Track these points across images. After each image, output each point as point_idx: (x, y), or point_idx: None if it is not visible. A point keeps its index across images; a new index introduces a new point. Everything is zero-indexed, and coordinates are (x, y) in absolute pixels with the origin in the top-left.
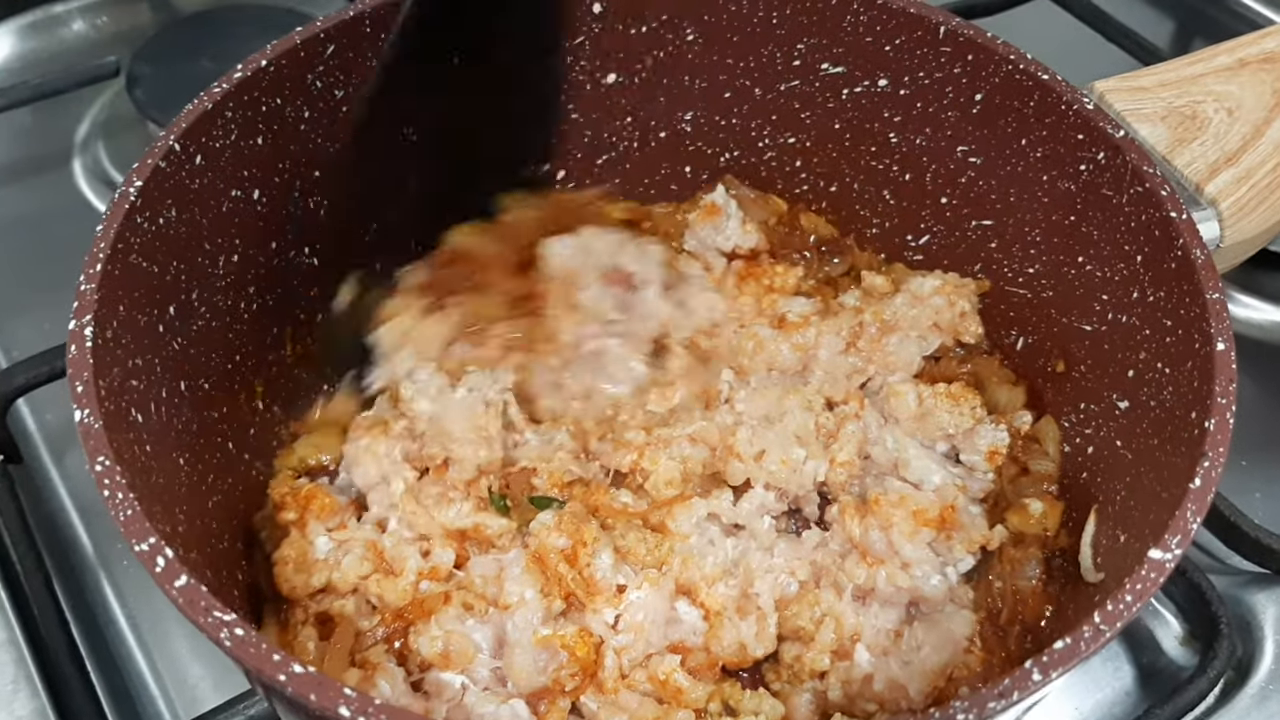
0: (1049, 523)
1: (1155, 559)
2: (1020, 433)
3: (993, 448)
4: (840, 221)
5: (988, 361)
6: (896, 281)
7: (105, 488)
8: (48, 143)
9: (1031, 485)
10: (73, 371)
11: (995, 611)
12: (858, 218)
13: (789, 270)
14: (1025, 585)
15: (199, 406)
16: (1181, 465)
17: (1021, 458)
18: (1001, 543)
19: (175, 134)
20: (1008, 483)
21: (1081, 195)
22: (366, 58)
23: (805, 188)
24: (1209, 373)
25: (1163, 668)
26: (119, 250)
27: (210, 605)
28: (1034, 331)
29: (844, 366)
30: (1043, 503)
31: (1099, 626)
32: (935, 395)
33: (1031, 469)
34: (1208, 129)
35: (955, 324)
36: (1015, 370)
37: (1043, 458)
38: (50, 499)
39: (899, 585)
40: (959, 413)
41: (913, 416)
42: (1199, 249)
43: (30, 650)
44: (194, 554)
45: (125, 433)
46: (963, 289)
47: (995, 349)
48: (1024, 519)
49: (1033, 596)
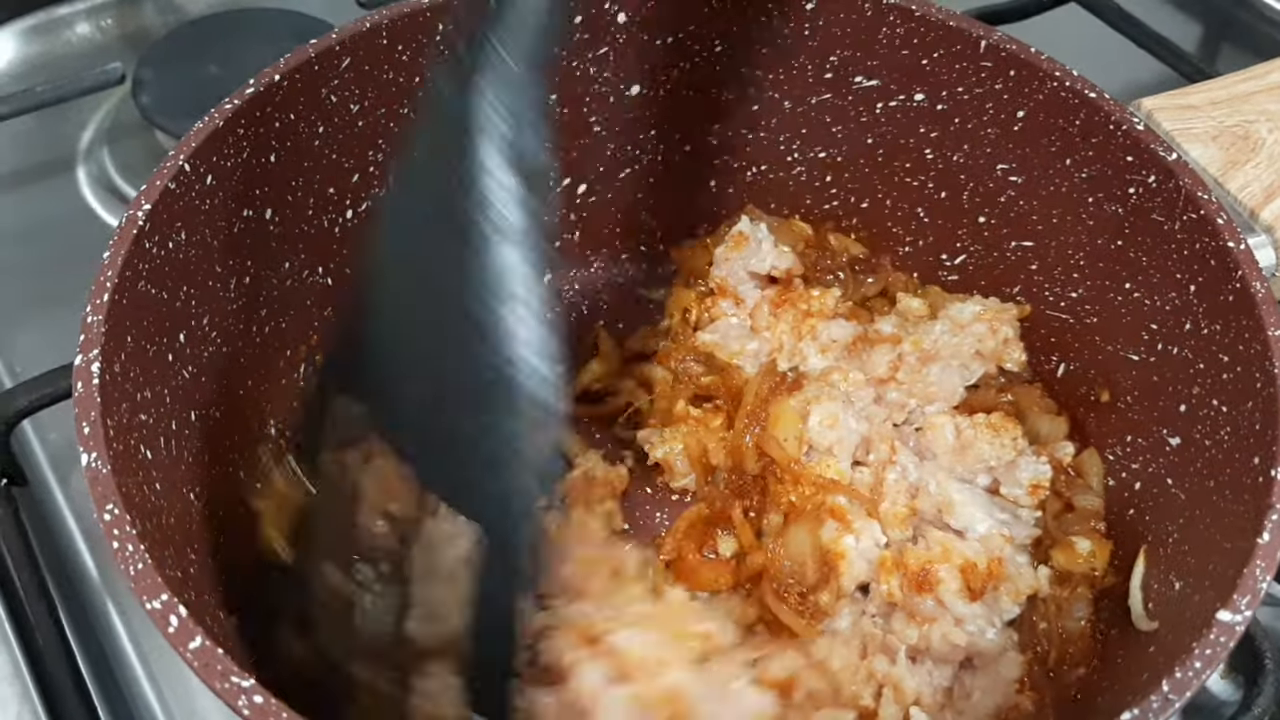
0: (1097, 562)
1: (1224, 622)
2: (1063, 465)
3: (1035, 481)
4: (871, 240)
5: (1028, 390)
6: (933, 305)
7: (114, 539)
8: (51, 149)
9: (1077, 522)
10: (79, 411)
11: (1043, 654)
12: (890, 235)
13: (825, 293)
14: (1073, 627)
15: (210, 436)
16: (1245, 514)
17: (1065, 493)
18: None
19: (185, 154)
20: (1052, 519)
21: (1130, 219)
22: (383, 70)
23: (835, 204)
24: (1273, 416)
25: (1204, 703)
26: (127, 278)
27: (228, 670)
28: (1076, 358)
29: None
30: (1090, 540)
31: (1168, 696)
32: (975, 426)
33: (1077, 505)
34: (1261, 150)
35: (998, 351)
36: (1056, 399)
37: (1087, 492)
38: (54, 522)
39: (955, 643)
40: (1000, 444)
41: (950, 450)
42: (1259, 282)
43: (34, 680)
44: (206, 596)
45: (134, 474)
46: (1004, 314)
47: (1036, 376)
48: (1071, 558)
49: (1080, 639)
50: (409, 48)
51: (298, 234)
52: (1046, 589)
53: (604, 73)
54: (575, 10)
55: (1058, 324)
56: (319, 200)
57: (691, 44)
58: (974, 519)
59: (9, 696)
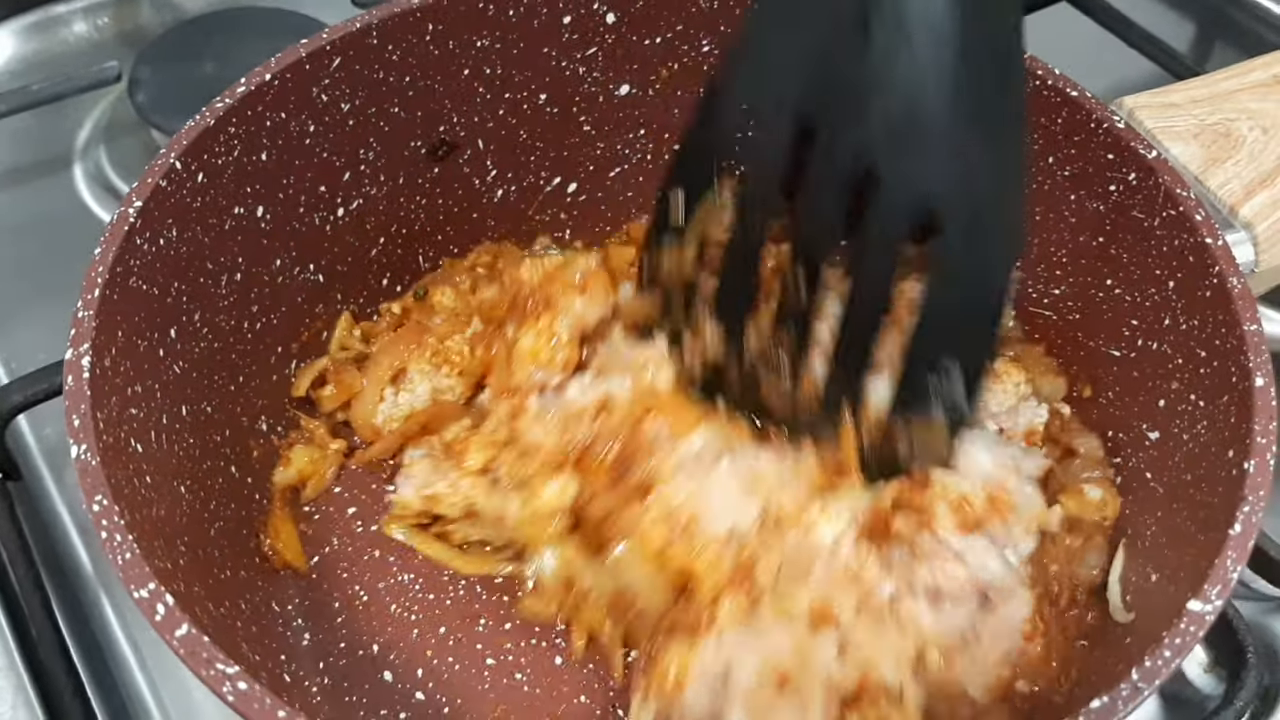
0: (1108, 511)
1: (1195, 611)
2: (1061, 414)
3: (1030, 428)
4: None
5: (1030, 349)
6: None
7: (103, 529)
8: (48, 147)
9: (1084, 469)
10: (70, 404)
11: (1054, 594)
12: None
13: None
14: (1085, 574)
15: (201, 431)
16: (1219, 507)
17: (1063, 438)
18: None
19: (176, 151)
20: (1056, 462)
21: (1111, 217)
22: (373, 70)
23: None
24: (1247, 410)
25: (1188, 697)
26: (118, 274)
27: (213, 657)
28: (1058, 354)
29: None
30: (1101, 489)
31: (1137, 684)
32: None
33: (1080, 450)
34: (1242, 148)
35: None
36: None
37: (1087, 435)
38: (49, 517)
39: (956, 577)
40: (1002, 390)
41: None
42: (1235, 277)
43: (29, 674)
44: (196, 588)
45: (124, 466)
46: None
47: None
48: (1081, 504)
49: (1092, 589)
50: (399, 47)
51: (289, 231)
52: (1056, 526)
53: (593, 73)
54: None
55: (1040, 321)
56: (310, 198)
57: (680, 44)
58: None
59: (4, 688)
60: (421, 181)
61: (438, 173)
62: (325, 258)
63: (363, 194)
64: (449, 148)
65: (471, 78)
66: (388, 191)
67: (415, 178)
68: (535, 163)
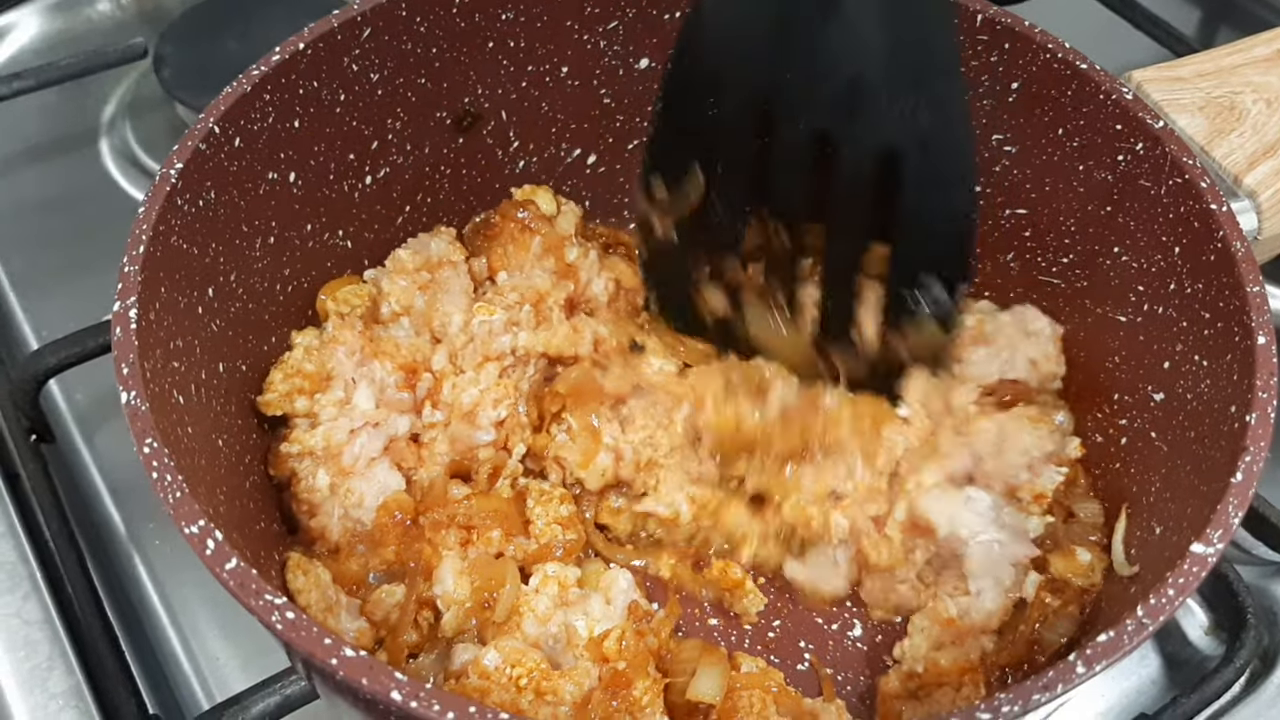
0: (1095, 579)
1: (1198, 553)
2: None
3: (1042, 491)
4: None
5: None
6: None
7: (154, 470)
8: (74, 123)
9: (1080, 533)
10: (118, 353)
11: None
12: None
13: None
14: (1051, 640)
15: (236, 388)
16: (1221, 459)
17: (1066, 501)
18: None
19: (215, 116)
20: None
21: (1118, 185)
22: (401, 41)
23: None
24: (1249, 366)
25: (1188, 658)
26: (160, 232)
27: (261, 588)
28: (1066, 321)
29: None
30: (1091, 554)
31: (1142, 620)
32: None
33: (1080, 515)
34: (1246, 120)
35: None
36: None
37: (1088, 500)
38: (82, 478)
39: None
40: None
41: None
42: (1239, 241)
43: (65, 629)
44: (235, 535)
45: (169, 414)
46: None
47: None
48: (1069, 564)
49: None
50: (427, 19)
51: (319, 198)
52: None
53: (613, 46)
54: None
55: (1049, 289)
56: (339, 166)
57: None
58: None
59: (40, 639)
60: (446, 151)
61: (462, 143)
62: (353, 224)
63: (390, 163)
64: (473, 119)
65: (496, 50)
66: (414, 161)
67: (440, 148)
68: (556, 134)
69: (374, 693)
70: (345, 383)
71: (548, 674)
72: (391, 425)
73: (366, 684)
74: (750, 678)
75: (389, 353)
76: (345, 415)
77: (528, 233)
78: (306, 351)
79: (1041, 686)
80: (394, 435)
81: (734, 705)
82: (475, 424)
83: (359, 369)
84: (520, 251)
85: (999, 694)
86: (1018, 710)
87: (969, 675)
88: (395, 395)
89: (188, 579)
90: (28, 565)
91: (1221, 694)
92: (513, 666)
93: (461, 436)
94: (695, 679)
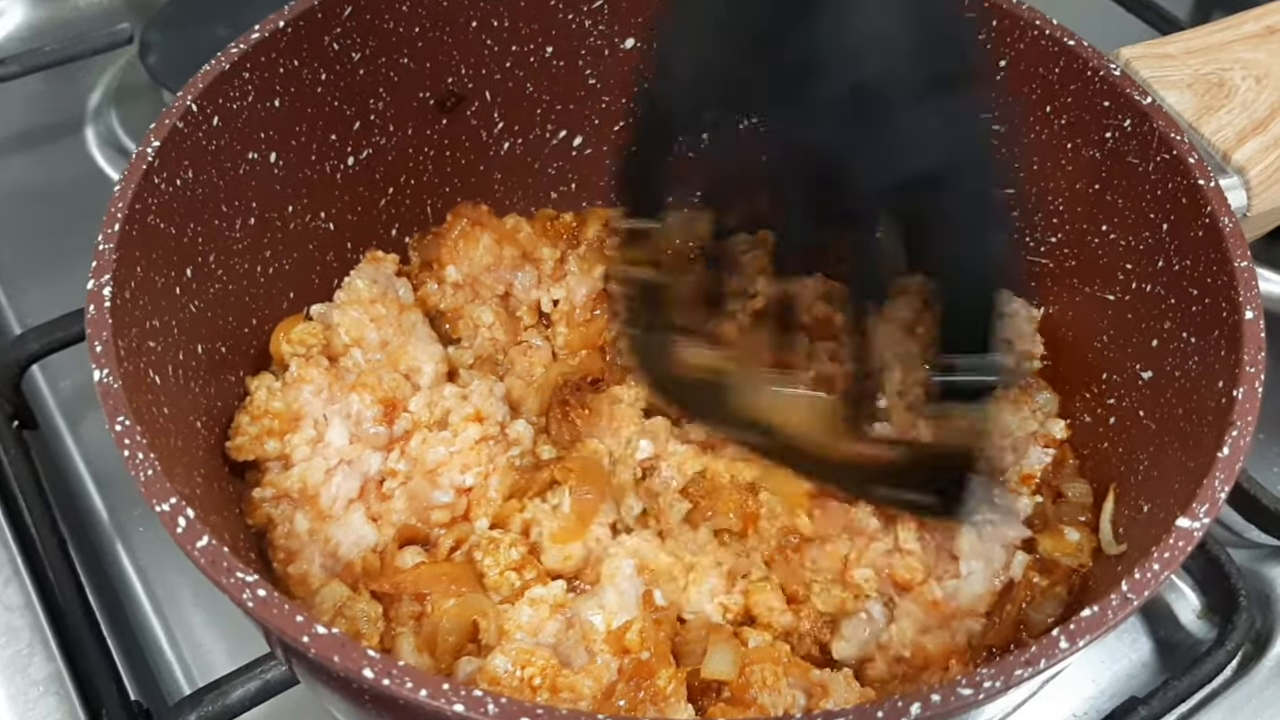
0: (1084, 558)
1: (1183, 528)
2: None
3: (1030, 471)
4: None
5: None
6: None
7: (125, 447)
8: (60, 110)
9: (1070, 514)
10: (92, 331)
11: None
12: None
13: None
14: (1039, 620)
15: (216, 370)
16: (1208, 435)
17: (1054, 482)
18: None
19: (192, 94)
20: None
21: (1106, 163)
22: (383, 20)
23: None
24: (1237, 341)
25: (1180, 641)
26: (137, 211)
27: (233, 566)
28: (1055, 301)
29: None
30: (1080, 534)
31: (1126, 595)
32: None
33: (1069, 495)
34: (1235, 96)
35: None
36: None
37: (1077, 480)
38: (65, 465)
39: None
40: (1022, 415)
41: None
42: (1227, 217)
43: (46, 615)
44: (213, 517)
45: (144, 394)
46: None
47: None
48: (1058, 544)
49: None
50: None
51: (300, 179)
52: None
53: (598, 26)
54: None
55: (1038, 269)
56: (321, 146)
57: None
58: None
59: (22, 627)
60: (430, 133)
61: (446, 124)
62: (336, 206)
63: (372, 144)
64: (457, 99)
65: (479, 29)
66: (397, 142)
67: (424, 129)
68: (542, 116)
69: (346, 670)
70: (315, 421)
71: (560, 671)
72: (365, 462)
73: (338, 661)
74: (760, 651)
75: (369, 385)
76: (320, 454)
77: (478, 228)
78: (270, 392)
79: (1024, 661)
80: (368, 474)
81: (747, 680)
82: (436, 484)
83: (329, 406)
84: (470, 246)
85: (980, 669)
86: (1000, 686)
87: (956, 657)
88: (372, 429)
89: (171, 566)
90: (9, 551)
91: (1213, 677)
92: (523, 668)
93: (420, 494)
94: (708, 658)
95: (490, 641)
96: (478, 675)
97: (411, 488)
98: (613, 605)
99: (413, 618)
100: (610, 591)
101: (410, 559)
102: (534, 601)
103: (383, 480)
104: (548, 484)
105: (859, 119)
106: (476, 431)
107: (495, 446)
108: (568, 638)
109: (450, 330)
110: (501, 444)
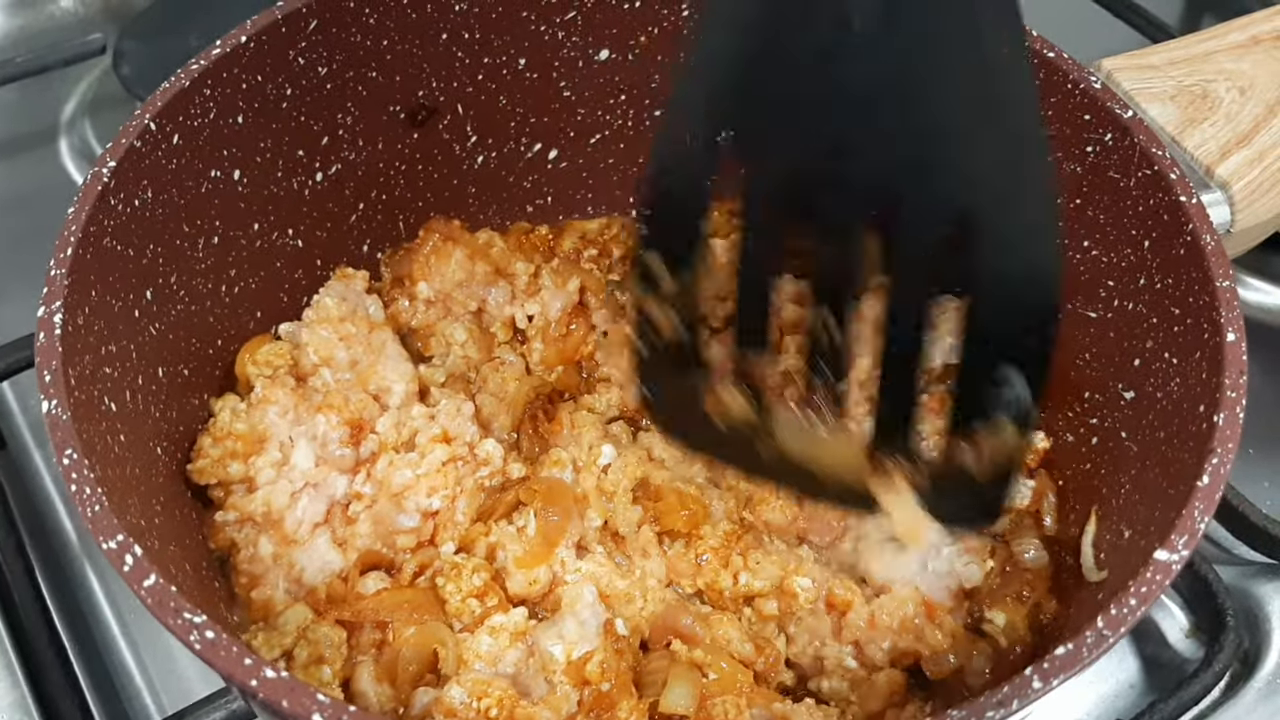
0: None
1: (1161, 560)
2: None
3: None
4: None
5: None
6: None
7: (73, 482)
8: (33, 121)
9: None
10: (41, 360)
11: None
12: None
13: None
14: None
15: (177, 394)
16: (1189, 461)
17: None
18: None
19: (151, 113)
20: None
21: (1088, 178)
22: (350, 33)
23: None
24: (1218, 364)
25: (1168, 660)
26: (91, 233)
27: (180, 606)
28: None
29: None
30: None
31: (1102, 632)
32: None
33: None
34: (1219, 109)
35: None
36: None
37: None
38: (34, 485)
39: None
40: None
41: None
42: (1209, 235)
43: (11, 639)
44: (171, 546)
45: (97, 423)
46: None
47: None
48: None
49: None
50: (376, 10)
51: (266, 196)
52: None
53: (572, 37)
54: None
55: None
56: (288, 163)
57: (659, 8)
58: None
59: None
60: (401, 147)
61: (417, 138)
62: (304, 223)
63: (341, 159)
64: (428, 113)
65: (450, 42)
66: (367, 157)
67: (394, 143)
68: (515, 129)
69: (295, 714)
70: (281, 443)
71: (518, 702)
72: (331, 485)
73: (287, 705)
74: (720, 683)
75: (336, 406)
76: (285, 477)
77: (450, 243)
78: (234, 413)
79: (996, 703)
80: (334, 498)
81: (708, 714)
82: (401, 507)
83: (295, 428)
84: (442, 262)
85: (950, 710)
86: None
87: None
88: (338, 451)
89: None
90: None
91: (1201, 698)
92: (480, 699)
93: (386, 518)
94: (666, 690)
95: (449, 671)
96: (434, 707)
97: (377, 511)
98: (573, 635)
99: (374, 645)
100: (571, 621)
101: (373, 585)
102: (494, 630)
103: (348, 504)
104: (513, 505)
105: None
106: (444, 453)
107: (464, 468)
108: (528, 667)
109: (422, 348)
110: (470, 464)
